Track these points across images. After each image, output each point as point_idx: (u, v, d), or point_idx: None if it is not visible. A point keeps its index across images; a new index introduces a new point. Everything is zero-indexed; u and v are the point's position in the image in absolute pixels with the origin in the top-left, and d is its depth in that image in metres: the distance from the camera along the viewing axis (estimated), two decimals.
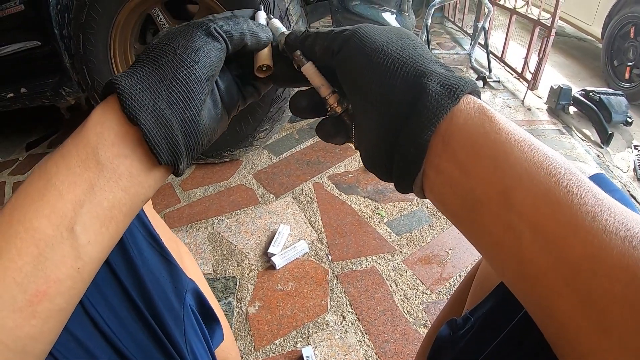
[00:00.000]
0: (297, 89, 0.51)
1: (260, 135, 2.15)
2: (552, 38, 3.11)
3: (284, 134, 2.65)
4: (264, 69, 0.50)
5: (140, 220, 0.66)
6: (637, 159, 2.69)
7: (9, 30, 2.10)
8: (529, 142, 0.34)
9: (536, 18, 3.32)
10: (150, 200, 0.84)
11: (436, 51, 4.07)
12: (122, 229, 0.42)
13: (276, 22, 0.55)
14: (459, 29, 5.09)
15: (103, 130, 0.40)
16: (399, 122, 0.38)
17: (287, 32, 0.50)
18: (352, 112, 0.46)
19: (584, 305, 0.29)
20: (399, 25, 2.06)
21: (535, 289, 0.32)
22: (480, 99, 0.39)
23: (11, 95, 2.21)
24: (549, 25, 3.12)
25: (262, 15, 0.55)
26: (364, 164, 0.45)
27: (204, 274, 1.63)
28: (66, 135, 2.02)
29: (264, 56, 0.50)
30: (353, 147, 0.48)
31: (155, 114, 0.40)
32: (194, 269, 0.82)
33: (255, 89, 0.53)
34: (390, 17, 2.05)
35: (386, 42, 0.40)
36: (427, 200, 1.78)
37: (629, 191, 2.31)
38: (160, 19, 2.03)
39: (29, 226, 0.36)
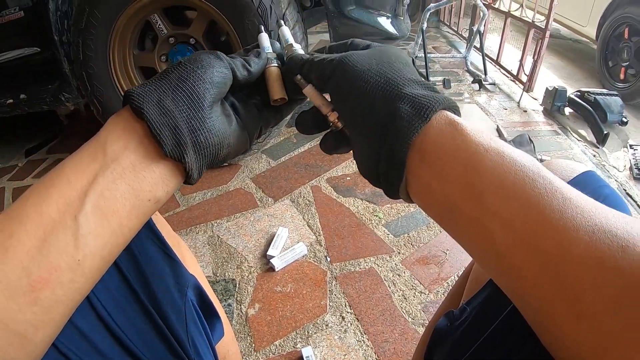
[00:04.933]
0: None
1: (258, 140, 2.16)
2: (546, 40, 3.14)
3: (281, 139, 2.67)
4: (279, 101, 0.54)
5: None
6: (633, 158, 2.71)
7: (8, 37, 2.11)
8: (497, 150, 0.38)
9: (531, 21, 3.35)
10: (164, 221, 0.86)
11: (432, 55, 4.09)
12: (127, 227, 0.43)
13: (285, 33, 0.61)
14: (454, 33, 5.11)
15: (112, 127, 0.44)
16: (379, 141, 0.43)
17: (294, 51, 0.57)
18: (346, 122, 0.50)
19: (558, 292, 0.32)
20: (394, 30, 2.08)
21: (513, 281, 0.35)
22: (457, 113, 0.44)
23: (11, 101, 2.22)
24: (544, 27, 3.15)
25: (264, 38, 0.59)
26: (359, 170, 0.49)
27: None
28: (65, 141, 2.03)
29: (276, 89, 0.54)
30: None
31: (159, 106, 0.43)
32: (194, 265, 0.84)
33: (275, 113, 0.57)
34: (385, 22, 2.07)
35: (366, 69, 0.45)
36: None
37: (625, 190, 2.33)
38: (159, 25, 2.05)
39: (39, 210, 0.39)
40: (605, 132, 2.81)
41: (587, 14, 4.28)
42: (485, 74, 3.64)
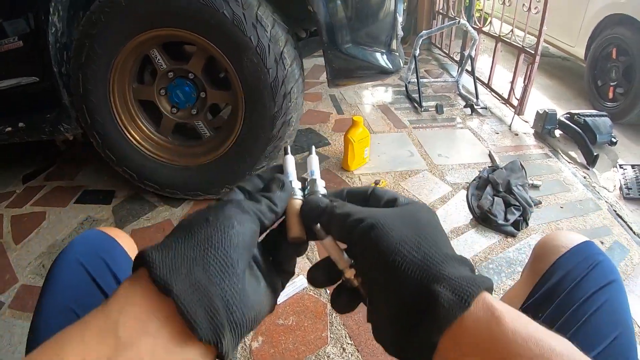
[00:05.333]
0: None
1: (257, 172, 2.20)
2: (536, 64, 3.20)
3: None
4: (296, 239, 0.51)
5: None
6: (623, 178, 2.77)
7: (7, 66, 2.12)
8: (535, 339, 0.35)
9: (521, 45, 3.41)
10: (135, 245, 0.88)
11: (425, 80, 4.15)
12: None
13: (313, 163, 0.59)
14: (446, 55, 5.18)
15: (126, 302, 0.37)
16: (409, 322, 0.40)
17: (316, 188, 0.54)
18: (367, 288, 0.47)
19: None
20: (388, 65, 2.13)
21: None
22: (492, 292, 0.41)
23: (9, 129, 2.22)
24: (534, 52, 3.21)
25: (289, 162, 0.57)
26: (374, 335, 0.47)
27: None
28: (62, 168, 2.04)
29: (296, 227, 0.50)
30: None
31: (189, 279, 0.37)
32: None
33: (293, 253, 0.52)
34: (380, 57, 2.12)
35: (402, 239, 0.42)
36: None
37: (615, 211, 2.38)
38: (158, 59, 2.09)
39: None
40: (595, 153, 2.87)
41: (576, 35, 4.35)
42: (477, 98, 3.70)
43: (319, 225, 0.49)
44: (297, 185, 0.55)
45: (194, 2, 1.80)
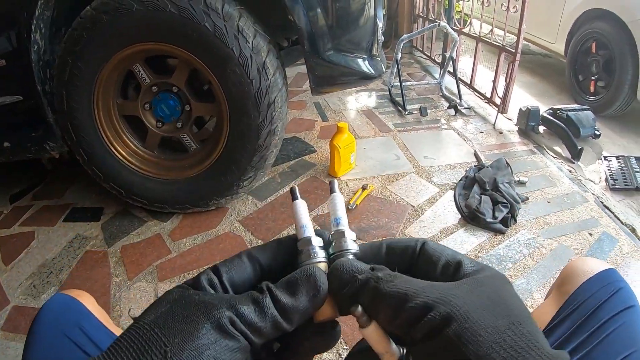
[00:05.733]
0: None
1: (244, 183, 2.20)
2: (517, 63, 3.24)
3: (266, 178, 2.69)
4: (326, 321, 0.38)
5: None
6: (608, 170, 2.81)
7: None
8: None
9: (501, 44, 3.44)
10: (107, 315, 0.90)
11: (407, 83, 4.17)
12: None
13: (337, 203, 0.44)
14: (427, 57, 5.20)
15: None
16: None
17: (344, 245, 0.40)
18: None
19: None
20: (370, 70, 2.15)
21: None
22: None
23: None
24: (514, 51, 3.25)
25: (301, 210, 0.42)
26: None
27: None
28: (50, 187, 2.04)
29: (325, 309, 0.37)
30: None
31: None
32: None
33: (317, 343, 0.39)
34: (362, 63, 2.14)
35: (497, 341, 0.29)
36: (409, 233, 1.86)
37: (602, 202, 2.41)
38: (142, 74, 2.08)
39: None
40: (579, 147, 2.91)
41: (555, 31, 4.40)
42: (460, 98, 3.73)
43: (360, 308, 0.34)
44: (316, 241, 0.40)
45: (176, 15, 1.81)
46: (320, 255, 0.39)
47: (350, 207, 2.34)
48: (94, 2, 1.89)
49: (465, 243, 2.10)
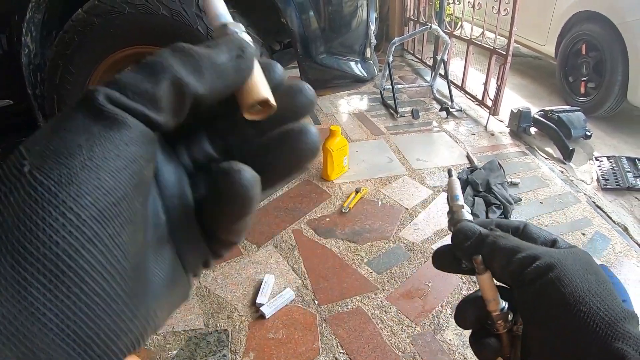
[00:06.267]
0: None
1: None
2: (508, 65, 3.25)
3: None
4: (260, 107, 0.28)
5: None
6: (599, 170, 2.82)
7: None
8: None
9: (492, 47, 3.46)
10: None
11: (399, 85, 4.18)
12: None
13: (454, 184, 0.48)
14: (419, 60, 5.22)
15: None
16: None
17: (461, 210, 0.46)
18: (517, 335, 0.42)
19: None
20: (363, 73, 2.15)
21: None
22: None
23: None
24: (505, 53, 3.26)
25: (235, 28, 0.30)
26: None
27: (195, 330, 1.68)
28: None
29: (258, 86, 0.28)
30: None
31: None
32: None
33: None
34: (354, 66, 2.14)
35: (587, 289, 0.36)
36: (403, 236, 1.87)
37: (594, 202, 2.42)
38: None
39: None
40: (570, 148, 2.92)
41: (545, 34, 4.43)
42: (452, 101, 3.74)
43: (480, 257, 0.41)
44: (236, 26, 0.30)
45: (168, 19, 1.80)
46: (241, 29, 0.30)
47: (343, 211, 2.34)
48: (86, 5, 1.87)
49: None
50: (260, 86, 0.28)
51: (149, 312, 0.24)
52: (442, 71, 3.91)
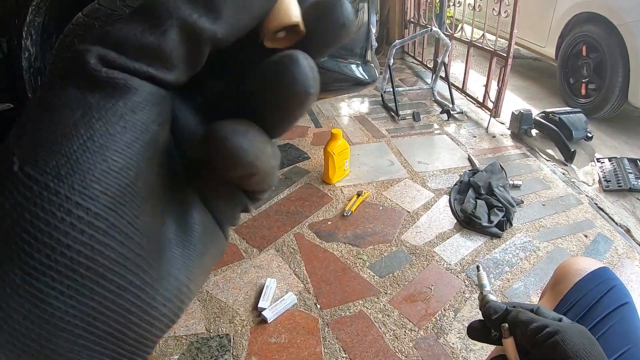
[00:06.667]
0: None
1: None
2: (509, 67, 3.25)
3: None
4: (283, 33, 0.22)
5: None
6: (601, 171, 2.81)
7: None
8: None
9: (493, 49, 3.46)
10: None
11: (400, 88, 4.18)
12: None
13: (483, 278, 0.77)
14: (419, 63, 5.22)
15: None
16: None
17: (489, 295, 0.70)
18: None
19: None
20: (364, 76, 2.15)
21: None
22: None
23: None
24: (506, 55, 3.26)
25: None
26: None
27: (196, 334, 1.67)
28: None
29: (287, 5, 0.22)
30: None
31: None
32: None
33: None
34: (355, 69, 2.14)
35: (582, 349, 0.53)
36: (405, 239, 1.86)
37: (596, 204, 2.42)
38: None
39: None
40: (572, 149, 2.91)
41: (546, 35, 4.42)
42: (453, 103, 3.73)
43: (506, 325, 0.59)
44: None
45: None
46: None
47: (345, 214, 2.33)
48: (86, 9, 1.87)
49: (461, 247, 2.09)
50: (290, 5, 0.22)
51: (181, 289, 0.21)
52: (442, 73, 3.90)
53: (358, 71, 2.15)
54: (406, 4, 5.39)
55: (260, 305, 1.76)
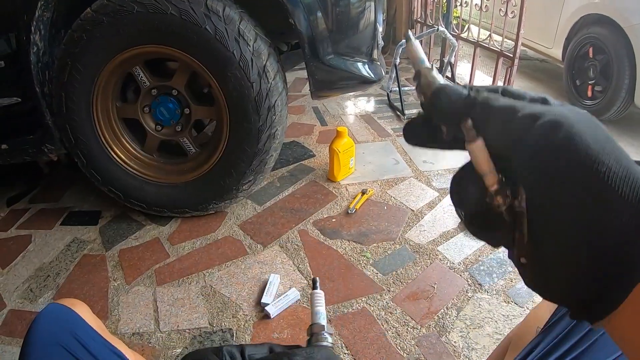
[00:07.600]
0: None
1: (244, 187, 2.19)
2: (515, 68, 3.25)
3: (265, 183, 2.68)
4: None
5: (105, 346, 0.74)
6: None
7: None
8: None
9: (499, 50, 3.46)
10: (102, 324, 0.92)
11: (406, 88, 4.17)
12: None
13: (417, 48, 0.42)
14: None
15: None
16: (604, 260, 0.30)
17: (433, 76, 0.39)
18: (520, 211, 0.33)
19: None
20: (371, 74, 2.15)
21: None
22: None
23: None
24: (512, 55, 3.26)
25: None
26: (530, 279, 0.35)
27: (199, 328, 1.68)
28: (47, 190, 2.03)
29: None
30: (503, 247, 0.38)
31: None
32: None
33: None
34: (362, 67, 2.14)
35: (601, 147, 0.30)
36: (409, 237, 1.86)
37: None
38: (141, 77, 2.08)
39: None
40: None
41: (553, 37, 4.41)
42: None
43: (470, 121, 0.35)
44: (328, 328, 0.45)
45: (177, 18, 1.81)
46: (329, 340, 0.44)
47: (350, 212, 2.34)
48: (94, 4, 1.88)
49: (465, 247, 2.10)
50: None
51: None
52: (449, 73, 3.90)
53: (364, 69, 2.16)
54: (413, 4, 5.38)
55: (263, 300, 1.78)
